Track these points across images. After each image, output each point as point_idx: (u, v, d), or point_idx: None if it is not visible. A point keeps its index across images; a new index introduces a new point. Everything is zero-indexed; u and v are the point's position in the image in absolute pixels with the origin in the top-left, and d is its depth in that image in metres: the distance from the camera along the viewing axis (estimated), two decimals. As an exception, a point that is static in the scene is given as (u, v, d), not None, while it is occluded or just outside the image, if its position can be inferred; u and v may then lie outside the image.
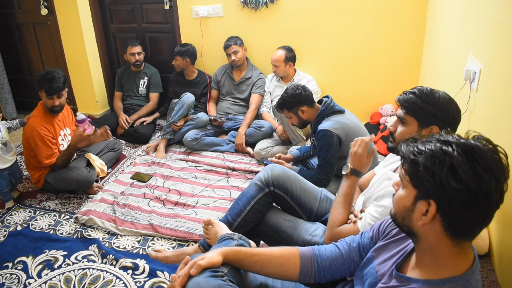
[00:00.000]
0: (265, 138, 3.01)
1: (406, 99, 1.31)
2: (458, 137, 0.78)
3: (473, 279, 0.79)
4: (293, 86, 2.22)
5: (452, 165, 0.73)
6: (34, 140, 2.41)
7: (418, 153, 0.78)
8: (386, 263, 0.95)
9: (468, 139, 0.78)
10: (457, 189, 0.72)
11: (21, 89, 4.09)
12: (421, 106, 1.27)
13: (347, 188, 1.40)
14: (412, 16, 2.95)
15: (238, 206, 1.64)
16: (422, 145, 0.79)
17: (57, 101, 2.45)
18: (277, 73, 3.12)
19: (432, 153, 0.76)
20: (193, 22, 3.42)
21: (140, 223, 2.23)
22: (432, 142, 0.79)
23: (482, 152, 0.74)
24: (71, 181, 2.49)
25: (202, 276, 0.99)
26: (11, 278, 1.90)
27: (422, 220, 0.78)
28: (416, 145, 0.80)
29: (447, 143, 0.77)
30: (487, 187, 0.72)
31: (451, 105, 1.27)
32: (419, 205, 0.79)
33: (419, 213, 0.79)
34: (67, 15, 3.54)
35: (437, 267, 0.81)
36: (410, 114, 1.30)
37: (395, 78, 3.15)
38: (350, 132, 2.11)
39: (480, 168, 0.72)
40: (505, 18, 1.35)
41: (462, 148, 0.75)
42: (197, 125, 3.16)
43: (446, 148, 0.75)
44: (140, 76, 3.58)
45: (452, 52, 2.10)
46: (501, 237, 1.27)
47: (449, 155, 0.74)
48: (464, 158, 0.73)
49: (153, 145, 3.19)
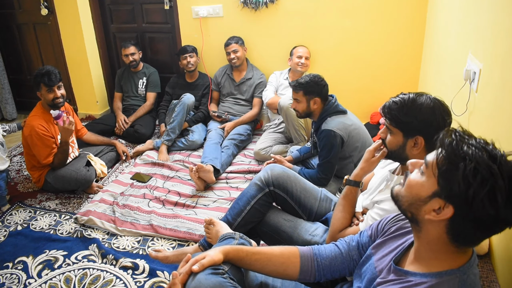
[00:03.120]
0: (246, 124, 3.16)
1: (389, 110, 1.27)
2: (505, 156, 0.74)
3: (471, 272, 0.80)
4: (319, 76, 2.21)
5: (493, 188, 0.70)
6: (32, 139, 2.42)
7: (462, 157, 0.73)
8: (384, 259, 0.96)
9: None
10: (489, 212, 0.70)
11: (21, 89, 4.09)
12: (403, 120, 1.23)
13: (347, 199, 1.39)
14: (412, 16, 2.95)
15: (238, 206, 1.64)
16: (468, 148, 0.74)
17: (58, 92, 2.46)
18: (305, 66, 3.06)
19: (478, 165, 0.71)
20: (193, 22, 3.42)
21: (140, 224, 2.23)
22: (479, 149, 0.73)
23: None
24: (70, 180, 2.49)
25: (203, 273, 1.00)
26: (11, 278, 1.90)
27: (431, 216, 0.77)
28: (462, 144, 0.75)
29: (495, 160, 0.72)
30: (506, 216, 0.71)
31: (434, 115, 1.20)
32: (434, 201, 0.77)
33: (430, 207, 0.78)
34: (67, 15, 3.54)
35: (435, 261, 0.82)
36: (393, 125, 1.27)
37: (395, 78, 3.15)
38: (352, 133, 2.12)
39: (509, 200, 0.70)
40: (505, 18, 1.35)
41: (508, 172, 0.71)
42: (190, 147, 3.10)
43: (493, 166, 0.71)
44: (139, 76, 3.58)
45: (452, 52, 2.10)
46: (501, 237, 1.27)
47: (495, 177, 0.70)
48: (507, 184, 0.70)
49: (142, 150, 3.10)
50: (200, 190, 2.56)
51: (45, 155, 2.45)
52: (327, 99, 2.21)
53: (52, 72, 2.44)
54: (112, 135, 3.40)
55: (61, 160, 2.51)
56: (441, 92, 2.22)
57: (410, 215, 0.84)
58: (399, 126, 1.26)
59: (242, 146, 3.10)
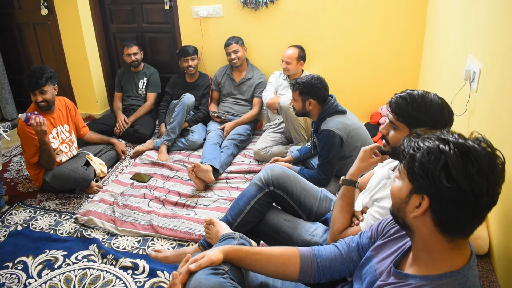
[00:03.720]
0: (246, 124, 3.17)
1: (397, 105, 1.27)
2: (458, 136, 0.79)
3: (470, 274, 0.80)
4: (318, 78, 2.20)
5: (446, 163, 0.75)
6: (21, 138, 2.46)
7: (417, 148, 0.80)
8: (384, 261, 0.96)
9: (468, 139, 0.79)
10: (448, 187, 0.74)
11: (21, 89, 4.09)
12: (412, 114, 1.24)
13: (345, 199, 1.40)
14: (412, 16, 2.95)
15: (238, 206, 1.64)
16: (422, 142, 0.81)
17: (39, 97, 2.45)
18: (287, 70, 3.06)
19: (429, 150, 0.78)
20: (193, 22, 3.42)
21: (140, 224, 2.23)
22: (431, 139, 0.80)
23: (478, 153, 0.75)
24: (68, 179, 2.49)
25: (203, 273, 1.00)
26: (11, 278, 1.90)
27: (415, 213, 0.81)
28: (417, 140, 0.82)
29: (446, 141, 0.78)
30: (478, 188, 0.74)
31: (443, 111, 1.23)
32: (413, 198, 0.81)
33: (412, 205, 0.81)
34: (67, 15, 3.54)
35: (434, 263, 0.82)
36: (400, 120, 1.27)
37: (395, 78, 3.15)
38: (352, 133, 2.12)
39: (473, 169, 0.74)
40: (505, 18, 1.35)
41: (458, 147, 0.76)
42: (190, 147, 3.11)
43: (443, 146, 0.77)
44: (140, 77, 3.58)
45: (452, 52, 2.10)
46: (501, 237, 1.27)
47: (444, 154, 0.76)
48: (459, 157, 0.75)
49: (142, 150, 3.09)
50: (200, 190, 2.55)
51: (31, 154, 2.46)
52: (326, 100, 2.21)
53: (36, 76, 2.41)
54: (112, 135, 3.40)
55: (47, 160, 2.46)
56: (441, 92, 2.20)
57: (402, 221, 0.87)
58: (406, 121, 1.26)
59: (242, 146, 3.10)
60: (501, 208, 1.26)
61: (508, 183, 1.21)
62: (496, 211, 1.31)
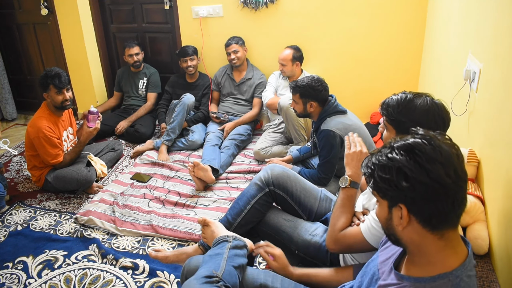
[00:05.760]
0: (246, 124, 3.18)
1: (385, 106, 1.29)
2: (400, 139, 0.84)
3: (464, 274, 0.80)
4: (318, 79, 2.20)
5: (399, 168, 0.79)
6: (40, 141, 2.41)
7: (372, 167, 0.84)
8: (387, 261, 0.97)
9: (410, 137, 0.83)
10: (411, 187, 0.77)
11: (21, 89, 4.09)
12: (396, 118, 1.25)
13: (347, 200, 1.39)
14: (412, 16, 2.95)
15: (238, 205, 1.64)
16: (374, 158, 0.85)
17: (67, 95, 2.48)
18: (283, 72, 3.08)
19: (381, 163, 0.83)
20: (193, 22, 3.42)
21: (140, 224, 2.23)
22: (380, 153, 0.84)
23: (420, 145, 0.80)
24: (71, 180, 2.49)
25: (197, 283, 1.02)
26: (11, 278, 1.90)
27: (401, 225, 0.82)
28: (371, 160, 0.86)
29: (391, 149, 0.83)
30: (436, 175, 0.76)
31: (426, 118, 1.21)
32: (394, 212, 0.84)
33: (397, 219, 0.83)
34: (67, 15, 3.54)
35: (428, 265, 0.83)
36: (389, 122, 1.29)
37: (395, 78, 3.15)
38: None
39: (422, 161, 0.77)
40: (505, 18, 1.35)
41: (403, 148, 0.81)
42: (190, 147, 3.11)
43: (390, 154, 0.82)
44: (140, 77, 3.58)
45: (452, 52, 2.10)
46: (501, 237, 1.27)
47: (394, 160, 0.80)
48: (406, 157, 0.79)
49: (142, 150, 3.09)
50: (200, 190, 2.56)
51: (53, 155, 2.47)
52: (326, 101, 2.21)
53: (62, 74, 2.46)
54: (112, 135, 3.41)
55: (73, 159, 2.58)
56: (441, 92, 2.22)
57: (394, 238, 0.89)
58: (392, 124, 1.29)
59: (243, 146, 3.10)
60: (501, 208, 1.26)
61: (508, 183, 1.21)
62: (496, 211, 1.31)
